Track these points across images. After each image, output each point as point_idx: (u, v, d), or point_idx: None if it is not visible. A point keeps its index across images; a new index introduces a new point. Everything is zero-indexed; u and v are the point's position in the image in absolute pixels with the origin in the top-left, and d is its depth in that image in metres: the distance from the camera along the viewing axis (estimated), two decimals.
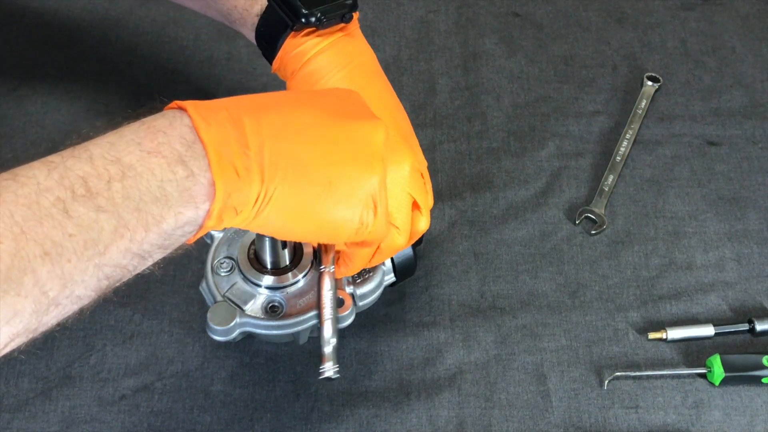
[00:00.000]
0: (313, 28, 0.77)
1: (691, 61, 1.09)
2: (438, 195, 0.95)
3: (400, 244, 0.73)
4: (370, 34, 1.09)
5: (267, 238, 0.75)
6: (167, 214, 0.56)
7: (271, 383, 0.82)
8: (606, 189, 0.95)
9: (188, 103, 0.59)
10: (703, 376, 0.83)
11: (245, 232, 0.80)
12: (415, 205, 0.74)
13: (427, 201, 0.76)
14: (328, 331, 0.72)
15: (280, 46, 0.79)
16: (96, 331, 0.84)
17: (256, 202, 0.59)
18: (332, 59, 0.77)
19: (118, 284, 0.57)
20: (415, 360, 0.84)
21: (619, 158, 0.98)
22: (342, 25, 0.78)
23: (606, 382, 0.82)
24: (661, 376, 0.83)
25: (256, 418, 0.80)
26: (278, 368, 0.83)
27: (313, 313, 0.76)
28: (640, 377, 0.82)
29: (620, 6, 1.14)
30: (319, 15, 0.75)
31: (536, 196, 0.96)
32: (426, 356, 0.84)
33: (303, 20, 0.76)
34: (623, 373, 0.82)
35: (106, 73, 1.04)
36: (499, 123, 1.02)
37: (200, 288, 0.79)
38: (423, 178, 0.76)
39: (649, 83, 1.05)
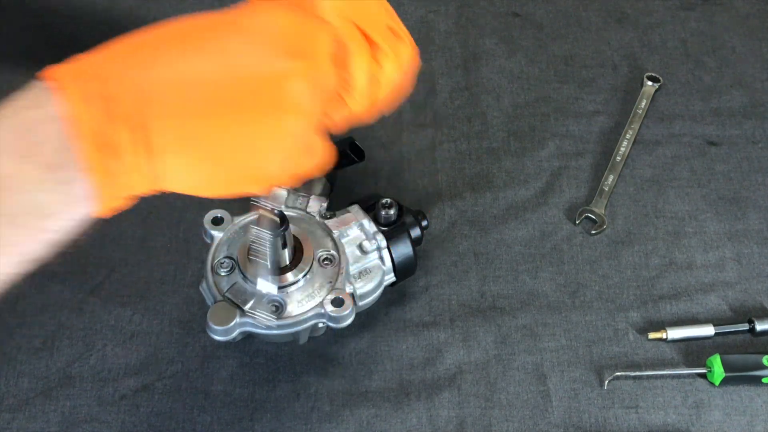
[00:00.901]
0: None
1: (691, 61, 1.09)
2: (438, 195, 0.95)
3: (392, 75, 0.65)
4: None
5: (267, 239, 0.75)
6: (49, 222, 0.53)
7: (271, 383, 0.82)
8: (606, 189, 0.95)
9: (59, 75, 0.54)
10: (703, 376, 0.83)
11: (245, 232, 0.80)
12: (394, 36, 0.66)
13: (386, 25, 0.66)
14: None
15: None
16: (96, 331, 0.84)
17: (150, 179, 0.55)
18: None
19: (20, 276, 0.55)
20: (415, 360, 0.84)
21: (619, 158, 0.98)
22: None
23: (606, 382, 0.82)
24: (661, 376, 0.83)
25: (256, 418, 0.80)
26: (278, 368, 0.83)
27: (313, 312, 0.76)
28: (640, 377, 0.82)
29: (620, 6, 1.14)
30: None
31: (536, 196, 0.96)
32: (426, 356, 0.84)
33: None
34: (623, 373, 0.82)
35: None
36: (499, 123, 1.02)
37: (200, 288, 0.79)
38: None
39: (649, 83, 1.05)
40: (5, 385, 0.80)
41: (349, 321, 0.77)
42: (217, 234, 0.80)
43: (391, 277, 0.83)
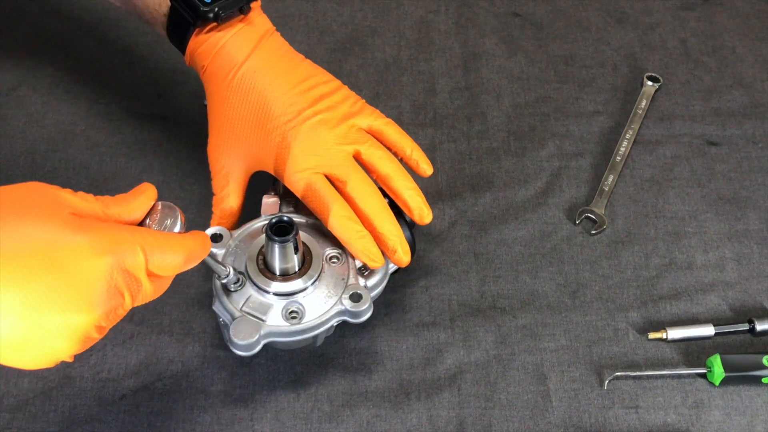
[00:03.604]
0: (215, 23, 0.81)
1: (691, 61, 1.09)
2: (438, 195, 0.95)
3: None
4: (371, 34, 1.10)
5: (276, 246, 0.74)
6: None
7: (271, 383, 0.82)
8: (606, 189, 0.95)
9: None
10: (703, 376, 0.83)
11: (248, 245, 0.79)
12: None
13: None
14: None
15: (188, 43, 0.82)
16: None
17: None
18: (237, 49, 0.81)
19: None
20: (415, 360, 0.84)
21: (619, 158, 0.98)
22: (242, 16, 0.81)
23: (606, 382, 0.82)
24: (661, 376, 0.83)
25: (256, 418, 0.80)
26: (278, 368, 0.83)
27: (334, 311, 0.76)
28: (640, 377, 0.82)
29: (620, 6, 1.14)
30: (216, 10, 0.79)
31: (536, 196, 0.96)
32: (426, 356, 0.84)
33: (202, 17, 0.80)
34: (623, 373, 0.82)
35: (106, 73, 1.04)
36: (499, 123, 1.02)
37: (213, 308, 0.77)
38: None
39: (649, 83, 1.05)
40: (5, 385, 0.80)
41: (368, 315, 0.77)
42: (219, 251, 0.79)
43: (394, 266, 0.82)
